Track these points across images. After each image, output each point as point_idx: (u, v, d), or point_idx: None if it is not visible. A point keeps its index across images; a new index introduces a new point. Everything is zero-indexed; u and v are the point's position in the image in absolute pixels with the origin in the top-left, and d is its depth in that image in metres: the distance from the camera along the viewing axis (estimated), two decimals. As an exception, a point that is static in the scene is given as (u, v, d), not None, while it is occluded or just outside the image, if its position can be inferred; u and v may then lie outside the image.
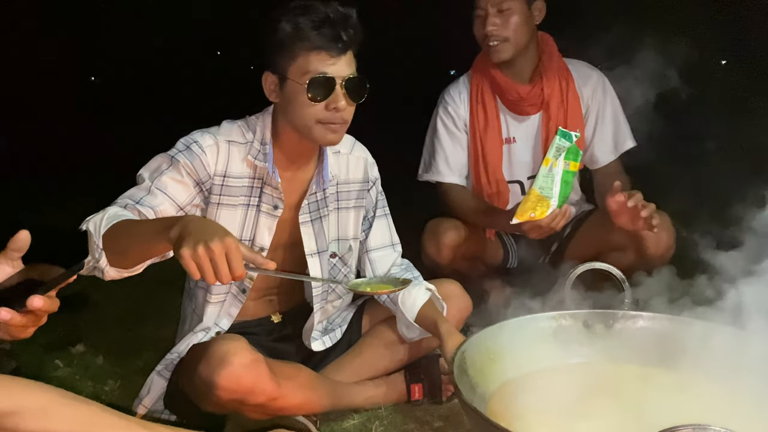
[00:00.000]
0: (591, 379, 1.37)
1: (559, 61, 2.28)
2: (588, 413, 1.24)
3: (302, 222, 1.72)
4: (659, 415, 1.07)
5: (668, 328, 1.43)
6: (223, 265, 1.19)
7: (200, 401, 1.54)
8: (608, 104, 2.29)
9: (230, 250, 1.19)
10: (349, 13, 1.55)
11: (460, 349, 1.34)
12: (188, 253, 1.18)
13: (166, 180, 1.55)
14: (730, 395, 1.28)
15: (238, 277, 1.21)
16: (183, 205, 1.57)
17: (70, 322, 2.38)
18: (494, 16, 2.13)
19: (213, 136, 1.63)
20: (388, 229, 1.91)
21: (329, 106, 1.54)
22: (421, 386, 1.83)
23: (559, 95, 2.25)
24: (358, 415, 1.77)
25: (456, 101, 2.34)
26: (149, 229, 1.36)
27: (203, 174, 1.60)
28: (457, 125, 2.33)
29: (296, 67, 1.54)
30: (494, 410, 1.30)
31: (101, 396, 1.96)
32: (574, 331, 1.51)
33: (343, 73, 1.55)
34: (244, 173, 1.65)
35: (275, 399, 1.55)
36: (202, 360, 1.50)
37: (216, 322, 1.72)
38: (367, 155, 1.87)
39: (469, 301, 1.89)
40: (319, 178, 1.72)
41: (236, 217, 1.66)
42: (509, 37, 2.15)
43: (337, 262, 1.81)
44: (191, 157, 1.58)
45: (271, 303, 1.85)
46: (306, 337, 1.82)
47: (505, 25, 2.14)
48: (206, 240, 1.18)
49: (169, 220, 1.32)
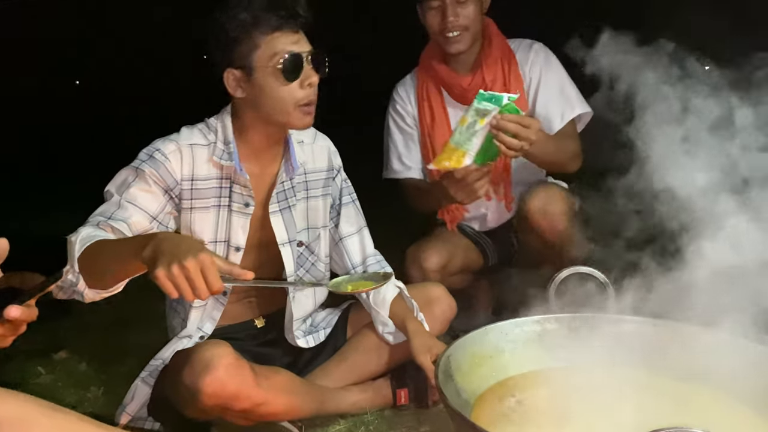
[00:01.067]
0: (576, 383, 1.37)
1: (501, 45, 2.25)
2: (573, 417, 1.25)
3: (272, 212, 1.72)
4: (643, 418, 1.07)
5: (652, 331, 1.44)
6: (200, 281, 1.18)
7: (184, 407, 1.53)
8: (550, 73, 2.23)
9: (205, 266, 1.18)
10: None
11: (445, 353, 1.34)
12: (163, 273, 1.18)
13: (134, 192, 1.55)
14: (711, 398, 1.29)
15: (216, 291, 1.20)
16: (155, 214, 1.57)
17: (52, 329, 2.36)
18: (454, 6, 2.09)
19: (175, 142, 1.63)
20: (356, 215, 1.91)
21: (303, 83, 1.57)
22: (407, 391, 1.83)
23: (501, 80, 2.22)
24: (343, 421, 1.76)
25: (404, 99, 2.34)
26: (122, 249, 1.35)
27: (170, 181, 1.59)
28: (407, 122, 2.32)
29: (261, 53, 1.55)
30: (479, 415, 1.30)
31: (84, 403, 1.94)
32: (559, 335, 1.51)
33: (306, 48, 1.58)
34: (212, 175, 1.65)
35: (260, 404, 1.55)
36: (186, 366, 1.49)
37: (199, 326, 1.72)
38: (329, 144, 1.89)
39: (453, 302, 1.90)
40: (288, 165, 1.72)
41: (209, 219, 1.66)
42: (468, 26, 2.12)
43: (304, 250, 1.81)
44: (156, 166, 1.58)
45: (251, 305, 1.85)
46: (288, 332, 1.81)
47: (464, 15, 2.10)
48: (180, 258, 1.18)
49: (141, 240, 1.31)
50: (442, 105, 2.28)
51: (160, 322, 1.86)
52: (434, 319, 1.84)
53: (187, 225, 1.65)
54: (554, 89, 2.22)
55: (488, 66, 2.20)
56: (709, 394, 1.30)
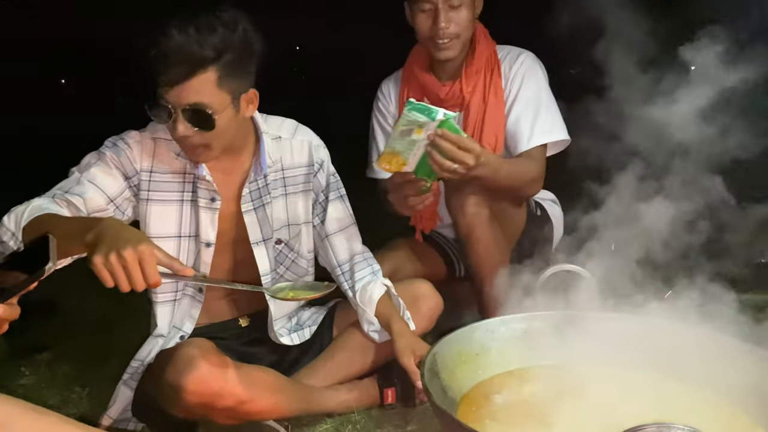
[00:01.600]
0: (561, 381, 1.38)
1: (485, 53, 2.10)
2: (558, 414, 1.25)
3: (245, 211, 1.70)
4: (627, 415, 1.08)
5: (637, 329, 1.45)
6: (136, 272, 1.18)
7: (168, 406, 1.52)
8: (529, 90, 2.07)
9: (144, 257, 1.18)
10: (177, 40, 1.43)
11: (431, 352, 1.34)
12: (100, 261, 1.18)
13: (94, 171, 1.57)
14: (696, 395, 1.30)
15: (152, 284, 1.20)
16: (113, 196, 1.58)
17: (36, 329, 2.33)
18: (446, 11, 1.96)
19: (139, 133, 1.65)
20: (344, 212, 1.87)
21: (170, 131, 1.54)
22: (393, 390, 1.82)
23: (481, 92, 2.08)
24: (330, 420, 1.76)
25: (387, 98, 2.26)
26: (67, 228, 1.33)
27: (130, 168, 1.61)
28: (389, 122, 2.23)
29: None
30: (465, 413, 1.31)
31: (68, 404, 1.92)
32: (544, 333, 1.52)
33: (181, 102, 1.47)
34: (174, 168, 1.65)
35: (244, 403, 1.54)
36: (168, 364, 1.48)
37: (178, 326, 1.70)
38: (311, 138, 1.84)
39: (440, 300, 1.90)
40: (257, 165, 1.70)
41: (170, 213, 1.66)
42: (460, 33, 2.00)
43: (283, 248, 1.80)
44: (117, 152, 1.61)
45: (236, 303, 1.84)
46: (270, 330, 1.81)
47: (457, 21, 1.98)
48: (119, 247, 1.17)
49: (87, 222, 1.32)
50: None
51: (144, 322, 1.84)
52: (421, 317, 1.84)
53: (143, 217, 1.66)
54: (529, 107, 2.05)
55: (468, 76, 2.08)
56: (693, 391, 1.31)
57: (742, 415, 1.23)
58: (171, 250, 1.65)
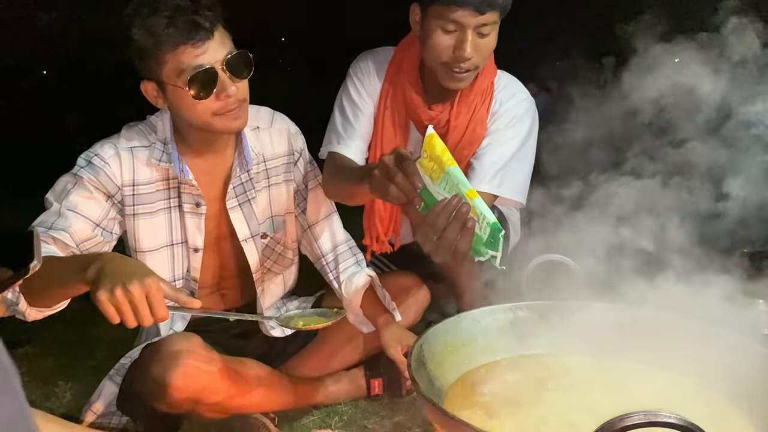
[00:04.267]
0: (547, 370, 1.38)
1: (482, 83, 1.86)
2: (544, 403, 1.26)
3: (230, 207, 1.66)
4: (613, 404, 1.08)
5: (624, 318, 1.45)
6: (144, 308, 1.15)
7: (154, 401, 1.50)
8: (507, 133, 1.85)
9: (150, 292, 1.15)
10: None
11: (418, 342, 1.33)
12: (105, 297, 1.14)
13: (74, 199, 1.48)
14: (683, 384, 1.31)
15: (160, 319, 1.17)
16: (98, 221, 1.51)
17: (16, 322, 2.30)
18: (475, 39, 1.66)
19: (113, 146, 1.55)
20: (324, 200, 1.83)
21: (219, 95, 1.45)
22: (381, 381, 1.83)
23: (465, 122, 1.86)
24: (317, 411, 1.76)
25: (367, 75, 1.93)
26: (65, 269, 1.28)
27: (111, 187, 1.53)
28: (363, 98, 1.91)
29: (168, 69, 1.44)
30: (452, 402, 1.30)
31: (51, 398, 1.90)
32: (531, 323, 1.52)
33: (219, 56, 1.44)
34: (155, 177, 1.59)
35: (231, 397, 1.53)
36: (155, 359, 1.46)
37: (171, 327, 1.69)
38: (289, 125, 1.78)
39: (427, 292, 1.90)
40: (241, 159, 1.65)
41: (159, 224, 1.60)
42: (479, 64, 1.73)
43: (269, 242, 1.77)
44: (95, 172, 1.51)
45: (224, 298, 1.82)
46: (262, 324, 1.80)
47: (482, 52, 1.69)
48: (124, 282, 1.13)
49: (84, 259, 1.26)
50: (405, 123, 1.91)
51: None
52: (407, 309, 1.84)
53: (132, 232, 1.59)
54: (498, 152, 1.82)
55: (459, 107, 1.84)
56: (680, 380, 1.32)
57: (729, 404, 1.24)
58: (165, 260, 1.62)
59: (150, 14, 1.41)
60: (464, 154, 1.86)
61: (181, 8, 1.41)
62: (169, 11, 1.40)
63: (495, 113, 1.87)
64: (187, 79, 1.42)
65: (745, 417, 1.19)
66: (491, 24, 1.66)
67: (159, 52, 1.42)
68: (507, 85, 1.90)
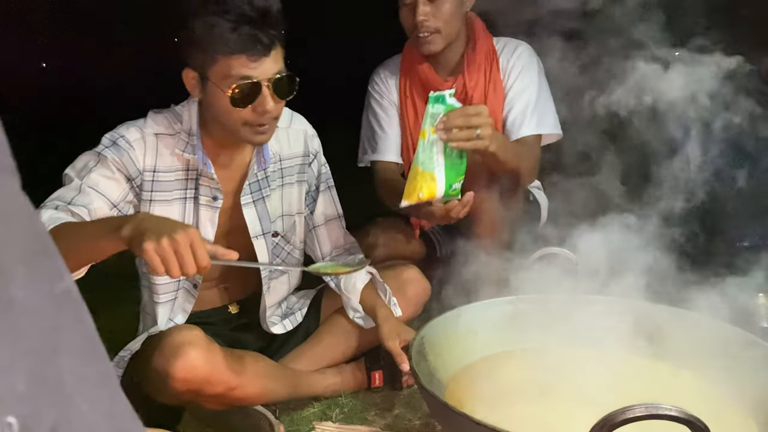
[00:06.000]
0: (548, 363, 1.39)
1: (485, 47, 2.08)
2: (545, 396, 1.26)
3: (244, 204, 1.67)
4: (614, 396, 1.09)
5: (624, 311, 1.46)
6: (189, 256, 1.17)
7: (155, 393, 1.51)
8: (525, 80, 2.06)
9: (194, 241, 1.18)
10: (268, 5, 1.43)
11: (419, 334, 1.34)
12: (152, 246, 1.16)
13: (96, 177, 1.48)
14: (682, 376, 1.32)
15: (203, 268, 1.19)
16: (116, 201, 1.51)
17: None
18: (424, 5, 1.91)
19: (140, 130, 1.55)
20: (332, 203, 1.86)
21: (256, 108, 1.47)
22: (381, 373, 1.83)
23: (482, 87, 2.07)
24: (317, 403, 1.76)
25: (385, 84, 2.19)
26: (95, 230, 1.31)
27: (133, 170, 1.53)
28: (385, 107, 2.18)
29: (217, 69, 1.44)
30: (453, 395, 1.31)
31: (52, 390, 1.90)
32: (531, 315, 1.52)
33: (269, 73, 1.44)
34: (176, 166, 1.59)
35: (233, 389, 1.53)
36: (156, 351, 1.47)
37: (171, 317, 1.69)
38: (306, 127, 1.81)
39: (428, 285, 1.90)
40: (260, 158, 1.66)
41: (173, 213, 1.60)
42: (440, 27, 1.95)
43: (280, 240, 1.78)
44: (119, 153, 1.51)
45: (226, 291, 1.82)
46: (263, 321, 1.80)
47: (436, 15, 1.93)
48: (169, 233, 1.16)
49: (116, 221, 1.29)
50: (425, 104, 1.95)
51: (128, 308, 1.83)
52: (408, 302, 1.84)
53: None
54: (525, 99, 2.05)
55: (470, 72, 2.06)
56: (680, 373, 1.32)
57: (728, 397, 1.24)
58: None
59: (216, 12, 1.40)
60: (496, 117, 2.03)
61: (247, 18, 1.41)
62: (236, 17, 1.40)
63: (505, 70, 2.08)
64: (233, 86, 1.43)
65: (745, 409, 1.20)
66: None
67: (214, 52, 1.43)
68: (505, 44, 2.11)
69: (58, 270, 0.38)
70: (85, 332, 0.39)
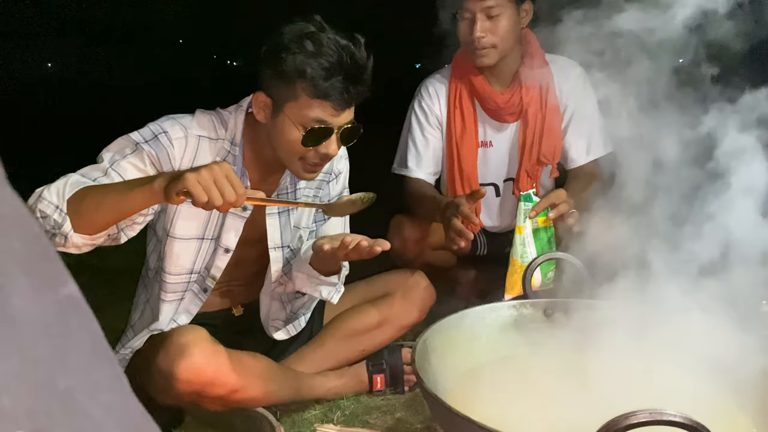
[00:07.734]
0: (552, 367, 1.38)
1: (540, 62, 2.16)
2: (548, 400, 1.26)
3: (269, 213, 1.66)
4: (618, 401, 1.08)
5: (627, 315, 1.45)
6: (228, 185, 1.24)
7: (158, 394, 1.50)
8: (586, 103, 2.17)
9: (230, 172, 1.26)
10: (364, 64, 1.47)
11: (422, 338, 1.34)
12: (193, 176, 1.22)
13: (126, 165, 1.46)
14: (688, 381, 1.31)
15: (240, 197, 1.26)
16: None
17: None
18: (483, 21, 1.99)
19: (184, 129, 1.54)
20: (341, 227, 1.85)
21: (319, 150, 1.50)
22: (383, 376, 1.83)
23: (537, 101, 2.15)
24: (319, 406, 1.76)
25: (433, 98, 2.24)
26: (126, 186, 1.35)
27: (167, 167, 1.51)
28: (431, 122, 2.24)
29: (295, 106, 1.46)
30: (456, 398, 1.30)
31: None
32: (534, 320, 1.52)
33: (342, 122, 1.50)
34: None
35: (236, 391, 1.53)
36: (160, 351, 1.46)
37: (174, 318, 1.68)
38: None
39: (433, 291, 1.91)
40: (293, 176, 1.65)
41: (199, 216, 1.58)
42: (497, 43, 2.02)
43: (288, 253, 1.77)
44: (157, 148, 1.50)
45: (230, 294, 1.82)
46: (266, 326, 1.80)
47: (493, 32, 2.01)
48: (207, 167, 1.24)
49: (147, 177, 1.35)
50: (474, 117, 2.20)
51: (127, 306, 1.82)
52: (412, 305, 1.84)
53: (170, 216, 1.58)
54: (586, 122, 2.17)
55: (527, 87, 2.13)
56: (686, 377, 1.32)
57: (734, 403, 1.24)
58: (191, 251, 1.61)
59: (313, 55, 1.42)
60: (553, 136, 2.16)
61: (343, 67, 1.43)
62: (331, 65, 1.43)
63: (562, 90, 2.17)
64: (306, 126, 1.46)
65: (750, 417, 1.20)
66: (497, 6, 1.98)
67: (300, 89, 1.45)
68: (561, 66, 2.17)
69: (59, 274, 0.37)
70: (91, 336, 0.38)
